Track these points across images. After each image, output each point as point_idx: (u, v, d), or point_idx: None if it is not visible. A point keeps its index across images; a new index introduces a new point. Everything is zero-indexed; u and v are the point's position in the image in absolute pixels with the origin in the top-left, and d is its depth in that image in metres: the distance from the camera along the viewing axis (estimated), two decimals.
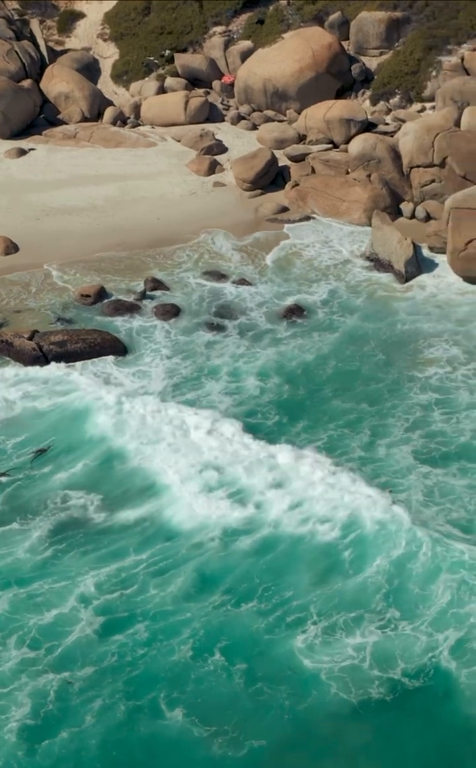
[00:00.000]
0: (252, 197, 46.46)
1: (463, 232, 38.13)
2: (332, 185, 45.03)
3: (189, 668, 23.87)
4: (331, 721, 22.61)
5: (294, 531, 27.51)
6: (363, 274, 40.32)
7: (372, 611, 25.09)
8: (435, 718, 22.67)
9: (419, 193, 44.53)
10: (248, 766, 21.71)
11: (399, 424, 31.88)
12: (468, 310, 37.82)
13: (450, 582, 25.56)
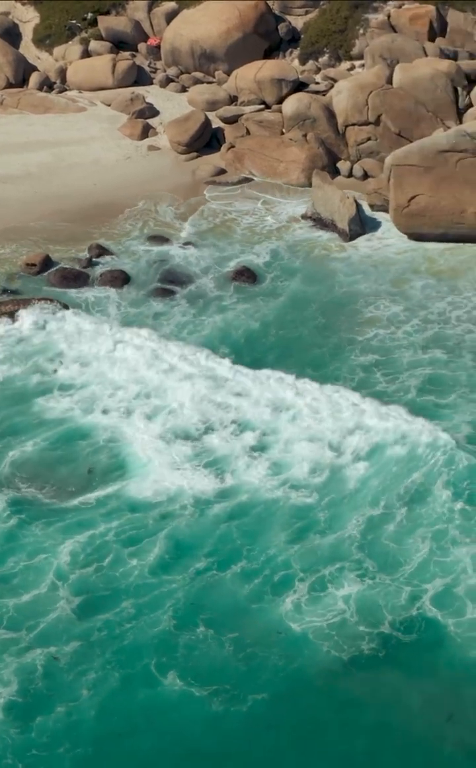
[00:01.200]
0: (188, 160, 45.37)
1: (405, 189, 37.77)
2: (269, 146, 44.20)
3: (177, 637, 23.39)
4: (325, 677, 22.44)
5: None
6: (305, 235, 39.64)
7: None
8: (425, 668, 22.66)
9: (355, 152, 43.99)
10: (248, 723, 21.51)
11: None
12: (406, 268, 37.54)
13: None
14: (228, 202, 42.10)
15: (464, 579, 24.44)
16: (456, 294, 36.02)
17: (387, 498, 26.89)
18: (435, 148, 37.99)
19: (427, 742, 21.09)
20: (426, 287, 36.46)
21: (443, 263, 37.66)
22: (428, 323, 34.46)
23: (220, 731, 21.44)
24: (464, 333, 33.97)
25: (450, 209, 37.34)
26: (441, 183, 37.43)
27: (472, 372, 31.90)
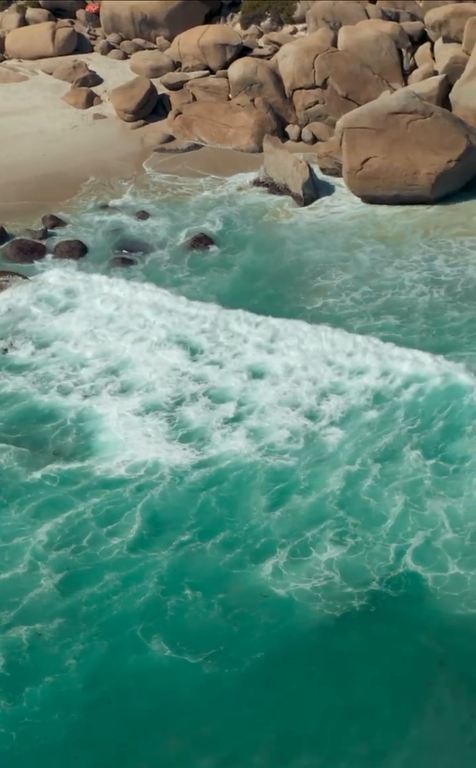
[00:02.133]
0: (135, 128, 44.52)
1: (358, 152, 37.49)
2: (217, 112, 43.58)
3: (163, 606, 23.02)
4: (316, 634, 22.29)
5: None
6: (258, 201, 39.18)
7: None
8: (414, 621, 22.63)
9: (303, 116, 43.61)
10: (242, 683, 21.34)
11: None
12: (357, 234, 37.09)
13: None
14: (180, 168, 41.63)
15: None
16: (404, 258, 35.68)
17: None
18: (386, 110, 37.74)
19: (422, 688, 21.19)
20: (375, 252, 36.06)
21: (392, 228, 37.33)
22: (380, 290, 34.01)
23: (213, 692, 21.21)
24: (416, 297, 33.67)
25: (403, 171, 37.17)
26: (393, 145, 37.23)
27: (425, 335, 31.83)
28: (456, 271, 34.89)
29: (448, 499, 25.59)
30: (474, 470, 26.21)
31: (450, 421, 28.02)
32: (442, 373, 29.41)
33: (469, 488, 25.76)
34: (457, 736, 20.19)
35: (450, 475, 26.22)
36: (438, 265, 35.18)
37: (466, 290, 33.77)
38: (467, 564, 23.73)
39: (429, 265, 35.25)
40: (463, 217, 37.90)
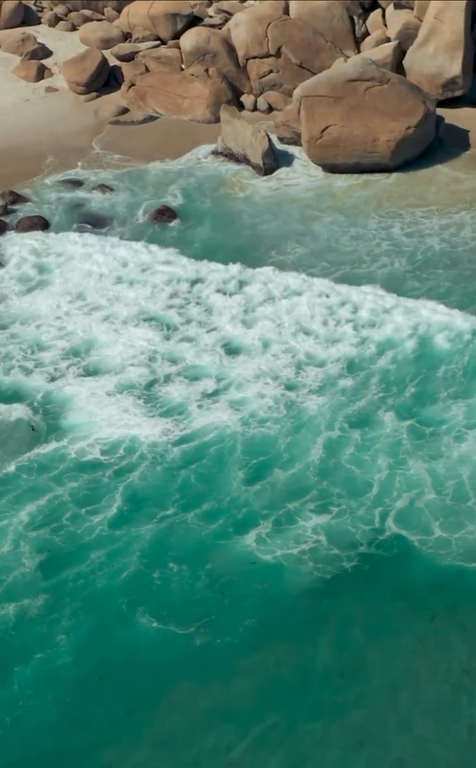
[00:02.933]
0: (89, 100, 43.57)
1: (317, 120, 37.13)
2: (171, 83, 42.81)
3: (148, 579, 22.81)
4: (305, 598, 22.26)
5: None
6: (218, 172, 38.63)
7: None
8: (402, 579, 22.72)
9: (258, 85, 43.05)
10: (235, 652, 21.22)
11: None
12: (313, 206, 36.62)
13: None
14: (138, 141, 40.81)
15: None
16: (360, 228, 35.30)
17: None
18: (344, 78, 37.40)
19: (414, 643, 21.32)
20: (332, 224, 35.64)
21: (348, 200, 36.97)
22: (339, 264, 33.53)
23: (206, 662, 21.08)
24: (377, 269, 33.36)
25: (363, 138, 36.91)
26: (351, 112, 36.92)
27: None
28: (414, 241, 34.77)
29: (426, 460, 25.66)
30: (450, 432, 26.37)
31: (423, 386, 28.14)
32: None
33: (447, 450, 25.87)
34: (451, 694, 20.33)
35: (427, 438, 26.26)
36: (396, 234, 35.00)
37: (426, 258, 33.77)
38: (450, 523, 23.85)
39: (388, 233, 35.04)
40: (420, 188, 37.70)
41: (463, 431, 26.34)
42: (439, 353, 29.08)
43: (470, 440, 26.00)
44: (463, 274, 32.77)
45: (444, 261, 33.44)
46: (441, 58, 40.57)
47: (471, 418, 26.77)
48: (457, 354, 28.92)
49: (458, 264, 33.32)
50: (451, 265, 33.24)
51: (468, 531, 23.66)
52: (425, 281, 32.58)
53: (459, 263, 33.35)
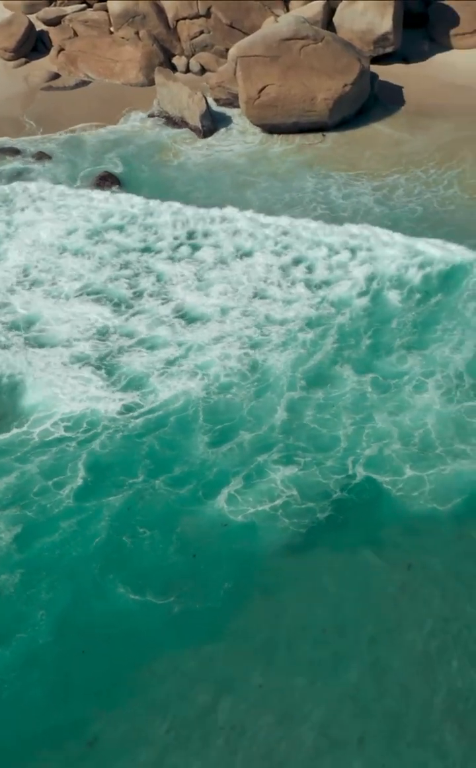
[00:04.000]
0: (17, 66, 41.99)
1: (254, 81, 36.28)
2: (101, 46, 41.52)
3: (121, 548, 22.24)
4: (282, 555, 21.92)
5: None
6: (154, 138, 37.55)
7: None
8: (377, 526, 22.58)
9: (189, 46, 41.97)
10: (214, 617, 20.83)
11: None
12: (246, 172, 35.68)
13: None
14: (71, 107, 39.48)
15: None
16: (296, 192, 34.54)
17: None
18: (278, 37, 36.52)
19: (393, 592, 21.20)
20: (265, 191, 34.70)
21: (283, 165, 36.15)
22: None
23: (186, 629, 20.68)
24: (311, 246, 32.15)
25: (301, 97, 36.19)
26: (288, 72, 36.13)
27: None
28: (352, 202, 34.14)
29: (391, 412, 25.46)
30: (411, 382, 26.16)
31: (378, 338, 27.86)
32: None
33: (411, 400, 25.72)
34: (433, 642, 20.17)
35: (391, 390, 26.05)
36: (333, 197, 34.33)
37: (365, 220, 32.98)
38: (421, 466, 23.75)
39: (325, 196, 34.31)
40: (356, 151, 36.83)
41: (423, 380, 26.25)
42: (397, 309, 28.96)
43: (431, 389, 25.95)
44: (404, 234, 32.49)
45: (384, 222, 33.12)
46: (371, 14, 39.93)
47: (428, 367, 26.68)
48: (408, 308, 28.91)
49: (398, 224, 32.86)
50: (392, 226, 32.81)
51: (439, 470, 23.63)
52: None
53: (398, 223, 32.93)
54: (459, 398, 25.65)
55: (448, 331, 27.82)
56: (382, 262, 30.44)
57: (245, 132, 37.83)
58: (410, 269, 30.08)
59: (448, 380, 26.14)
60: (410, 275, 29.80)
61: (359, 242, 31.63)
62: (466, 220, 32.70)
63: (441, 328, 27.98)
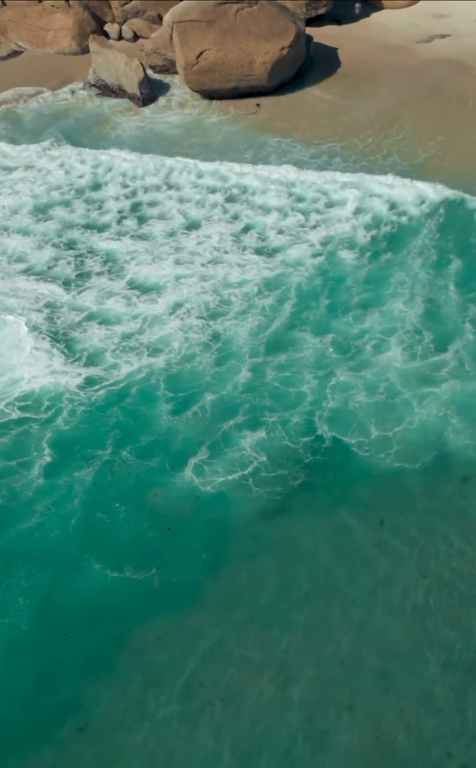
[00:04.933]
0: None
1: (192, 46, 35.27)
2: (31, 15, 39.88)
3: (95, 526, 21.50)
4: (258, 523, 21.47)
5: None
6: (93, 111, 36.05)
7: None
8: (348, 486, 22.30)
9: (121, 13, 40.55)
10: (195, 590, 20.29)
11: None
12: (180, 143, 34.61)
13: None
14: (5, 78, 37.90)
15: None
16: (230, 161, 33.40)
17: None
18: (213, 1, 35.42)
19: (367, 548, 20.97)
20: (203, 155, 33.84)
21: (217, 135, 35.21)
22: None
23: (168, 604, 20.07)
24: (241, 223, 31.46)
25: (239, 62, 35.20)
26: (225, 36, 35.03)
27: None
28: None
29: (354, 370, 25.15)
30: (372, 341, 25.81)
31: (335, 298, 27.40)
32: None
33: (371, 358, 25.37)
34: (413, 597, 19.94)
35: (353, 350, 25.69)
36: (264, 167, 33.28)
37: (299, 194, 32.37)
38: (386, 425, 23.45)
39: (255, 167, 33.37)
40: (293, 120, 35.77)
41: (382, 338, 25.91)
42: (350, 267, 28.47)
43: (392, 345, 25.60)
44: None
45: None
46: None
47: (386, 323, 26.35)
48: (361, 266, 28.55)
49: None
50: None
51: (405, 427, 23.41)
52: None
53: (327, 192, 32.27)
54: (420, 354, 25.51)
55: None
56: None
57: (184, 102, 36.64)
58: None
59: (408, 336, 25.95)
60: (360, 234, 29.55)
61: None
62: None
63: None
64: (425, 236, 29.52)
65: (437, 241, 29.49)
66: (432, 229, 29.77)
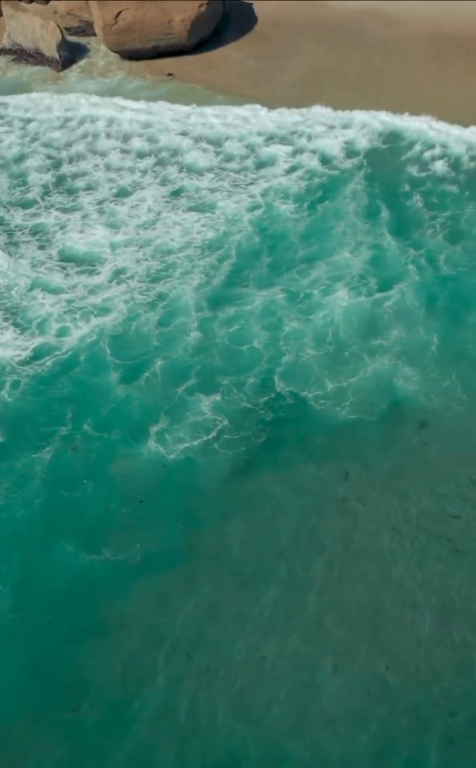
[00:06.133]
0: None
1: (109, 6, 33.36)
2: None
3: (64, 507, 20.46)
4: (227, 485, 20.86)
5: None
6: (14, 78, 34.03)
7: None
8: (311, 439, 21.84)
9: None
10: (172, 565, 19.56)
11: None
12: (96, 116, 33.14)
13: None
14: None
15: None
16: (154, 128, 32.21)
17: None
18: None
19: (334, 502, 20.52)
20: (110, 137, 32.04)
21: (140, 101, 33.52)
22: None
23: (147, 584, 19.29)
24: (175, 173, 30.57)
25: (158, 20, 33.56)
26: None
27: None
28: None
29: (303, 320, 24.48)
30: (320, 290, 25.22)
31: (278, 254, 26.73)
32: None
33: (320, 307, 24.76)
34: (385, 550, 19.59)
35: (301, 298, 25.02)
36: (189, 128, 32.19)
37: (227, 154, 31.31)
38: (339, 376, 22.94)
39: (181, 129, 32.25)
40: (209, 78, 34.38)
41: (328, 284, 25.30)
42: (290, 218, 27.74)
43: (339, 290, 25.04)
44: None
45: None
46: None
47: (333, 272, 25.75)
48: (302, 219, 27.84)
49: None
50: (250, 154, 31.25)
51: (360, 377, 22.92)
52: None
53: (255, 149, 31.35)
54: (366, 292, 25.08)
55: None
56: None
57: (104, 66, 35.14)
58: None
59: (354, 280, 25.46)
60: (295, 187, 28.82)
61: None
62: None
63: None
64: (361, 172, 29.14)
65: (369, 179, 29.28)
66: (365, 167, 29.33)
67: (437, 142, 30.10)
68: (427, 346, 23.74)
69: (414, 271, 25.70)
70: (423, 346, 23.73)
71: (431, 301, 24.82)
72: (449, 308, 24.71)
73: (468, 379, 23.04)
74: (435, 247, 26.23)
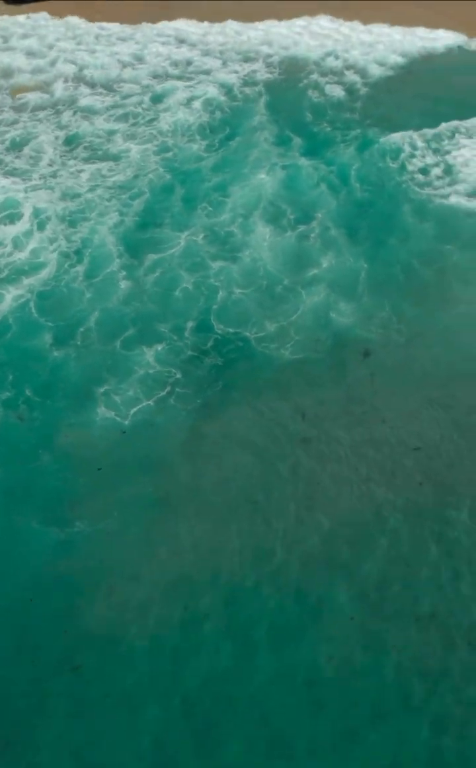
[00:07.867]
0: None
1: None
2: None
3: (20, 478, 19.10)
4: (185, 446, 19.83)
5: None
6: None
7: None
8: (260, 381, 20.87)
9: None
10: (146, 529, 18.43)
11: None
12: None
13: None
14: None
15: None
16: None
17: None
18: None
19: (296, 441, 19.79)
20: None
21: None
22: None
23: (128, 552, 18.20)
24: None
25: None
26: None
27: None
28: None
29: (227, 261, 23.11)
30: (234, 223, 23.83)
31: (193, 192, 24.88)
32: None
33: (245, 247, 23.40)
34: (357, 493, 18.94)
35: (223, 240, 23.49)
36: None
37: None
38: (276, 317, 22.11)
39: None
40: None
41: (245, 219, 23.86)
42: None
43: (258, 226, 23.76)
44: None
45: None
46: None
47: (249, 199, 24.41)
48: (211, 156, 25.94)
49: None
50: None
51: (298, 317, 22.04)
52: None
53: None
54: (287, 226, 23.70)
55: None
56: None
57: None
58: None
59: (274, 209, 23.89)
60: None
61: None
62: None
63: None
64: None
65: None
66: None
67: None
68: (356, 275, 22.83)
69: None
70: (353, 276, 22.83)
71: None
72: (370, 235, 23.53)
73: (399, 307, 22.20)
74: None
